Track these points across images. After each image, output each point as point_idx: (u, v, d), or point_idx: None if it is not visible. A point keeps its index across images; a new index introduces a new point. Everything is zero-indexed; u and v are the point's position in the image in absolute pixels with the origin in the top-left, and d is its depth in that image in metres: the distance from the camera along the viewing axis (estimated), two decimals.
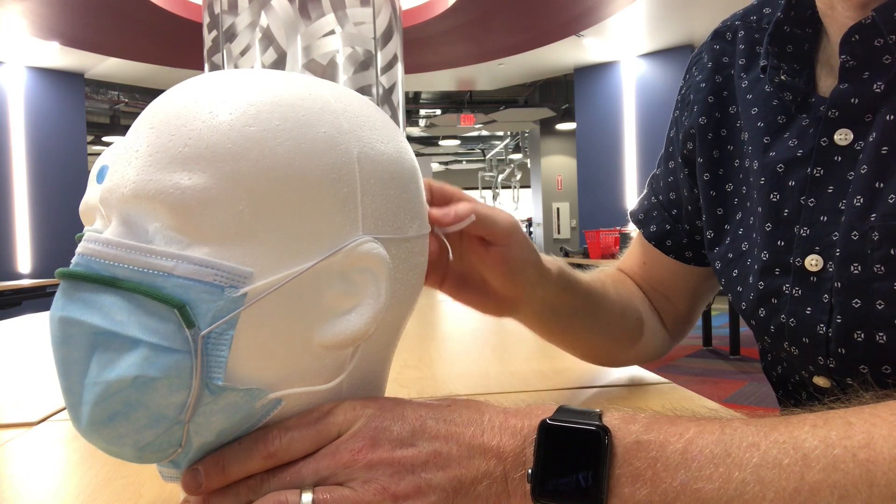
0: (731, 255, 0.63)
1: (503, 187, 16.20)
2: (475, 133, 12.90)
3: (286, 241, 0.33)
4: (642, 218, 0.75)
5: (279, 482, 0.34)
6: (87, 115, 7.99)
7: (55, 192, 7.00)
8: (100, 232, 0.34)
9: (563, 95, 10.07)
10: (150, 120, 0.35)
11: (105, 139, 10.11)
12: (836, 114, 0.53)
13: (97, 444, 0.34)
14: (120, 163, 0.34)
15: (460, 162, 16.43)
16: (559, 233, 10.91)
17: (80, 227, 0.67)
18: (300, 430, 0.35)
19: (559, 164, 11.29)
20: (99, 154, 1.24)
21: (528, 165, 12.96)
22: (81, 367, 0.32)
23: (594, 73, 8.12)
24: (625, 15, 6.24)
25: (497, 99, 10.51)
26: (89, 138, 8.53)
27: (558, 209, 11.07)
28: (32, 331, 1.55)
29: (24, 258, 6.86)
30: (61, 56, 6.73)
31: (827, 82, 0.56)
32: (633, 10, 6.16)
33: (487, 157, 15.43)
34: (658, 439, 0.33)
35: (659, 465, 0.32)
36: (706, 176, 0.66)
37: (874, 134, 0.50)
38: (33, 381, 0.90)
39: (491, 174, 15.70)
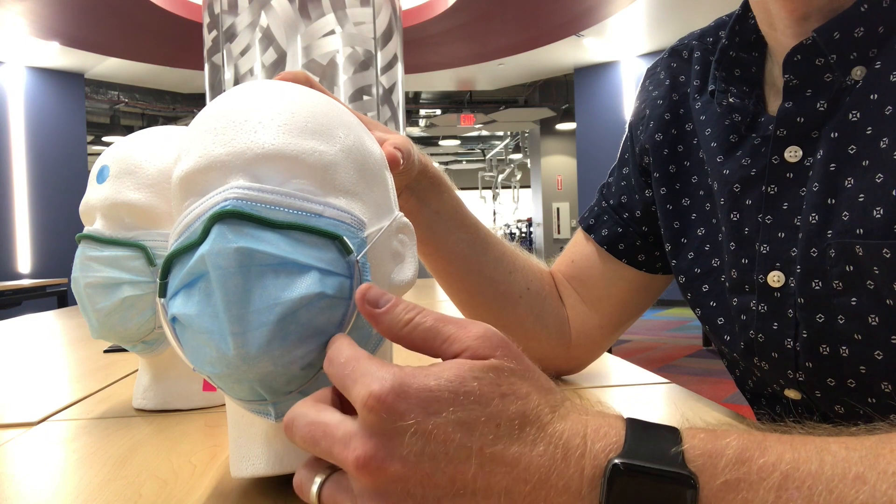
0: (698, 271, 0.63)
1: (503, 187, 16.20)
2: (475, 133, 12.90)
3: (373, 205, 0.42)
4: (593, 223, 0.74)
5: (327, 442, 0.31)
6: (87, 115, 7.99)
7: (55, 192, 7.00)
8: (101, 232, 0.37)
9: (563, 95, 10.07)
10: (259, 97, 0.41)
11: (105, 139, 10.10)
12: (785, 132, 0.54)
13: (254, 372, 0.35)
14: (230, 131, 0.39)
15: (460, 162, 16.43)
16: (559, 233, 10.91)
17: (81, 227, 0.67)
18: (337, 366, 0.33)
19: (559, 164, 11.29)
20: (99, 154, 1.24)
21: (528, 165, 12.96)
22: (253, 294, 0.35)
23: (594, 73, 8.12)
24: (625, 15, 6.24)
25: (497, 99, 10.51)
26: (89, 138, 8.53)
27: (558, 209, 11.07)
28: (32, 331, 1.55)
29: (24, 258, 6.86)
30: (61, 56, 6.73)
31: (774, 102, 0.58)
32: (633, 10, 6.16)
33: (487, 157, 15.43)
34: (749, 477, 0.28)
35: None
36: (662, 190, 0.67)
37: (821, 151, 0.52)
38: (33, 381, 0.90)
39: (491, 174, 15.70)
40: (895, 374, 0.49)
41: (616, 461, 0.28)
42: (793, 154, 0.54)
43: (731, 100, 0.60)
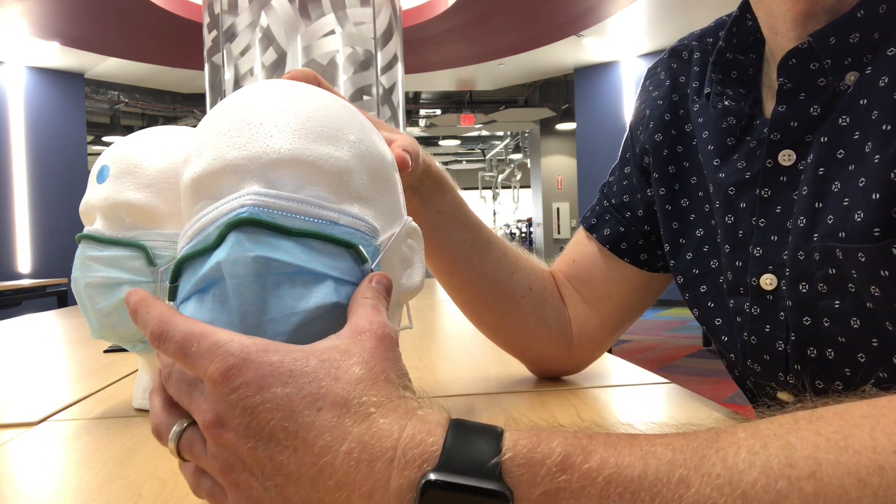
0: (696, 271, 0.64)
1: (503, 187, 16.20)
2: (475, 133, 12.90)
3: (385, 211, 0.42)
4: (595, 223, 0.74)
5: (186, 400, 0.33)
6: (87, 115, 7.99)
7: (55, 192, 7.00)
8: (101, 232, 0.36)
9: (563, 95, 10.07)
10: (273, 99, 0.40)
11: (105, 139, 10.10)
12: (778, 136, 0.54)
13: None
14: (245, 134, 0.38)
15: (460, 162, 16.43)
16: (559, 233, 10.91)
17: (81, 227, 0.67)
18: (175, 336, 0.32)
19: (559, 164, 11.29)
20: (99, 154, 1.24)
21: (528, 165, 12.96)
22: (269, 304, 0.34)
23: (594, 73, 8.12)
24: (625, 15, 6.24)
25: (497, 99, 10.51)
26: (89, 138, 8.53)
27: (558, 209, 11.07)
28: (32, 331, 1.55)
29: (24, 258, 6.86)
30: (61, 56, 6.73)
31: (771, 104, 0.57)
32: (633, 10, 6.16)
33: (487, 157, 15.43)
34: (571, 485, 0.27)
35: None
36: (662, 191, 0.67)
37: (812, 155, 0.52)
38: (33, 381, 0.90)
39: (491, 174, 15.70)
40: (879, 377, 0.49)
41: (431, 476, 0.27)
42: (786, 158, 0.54)
43: (726, 102, 0.60)
